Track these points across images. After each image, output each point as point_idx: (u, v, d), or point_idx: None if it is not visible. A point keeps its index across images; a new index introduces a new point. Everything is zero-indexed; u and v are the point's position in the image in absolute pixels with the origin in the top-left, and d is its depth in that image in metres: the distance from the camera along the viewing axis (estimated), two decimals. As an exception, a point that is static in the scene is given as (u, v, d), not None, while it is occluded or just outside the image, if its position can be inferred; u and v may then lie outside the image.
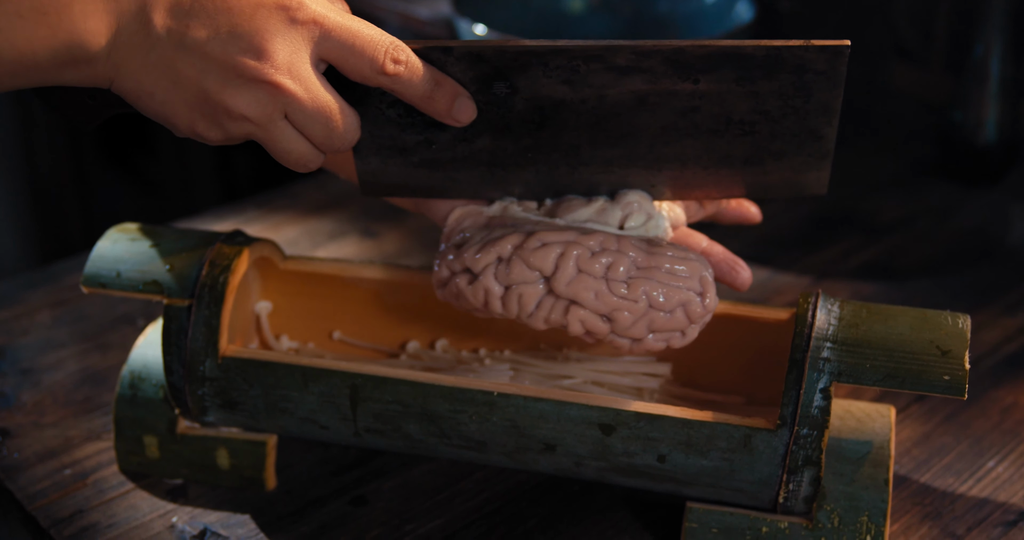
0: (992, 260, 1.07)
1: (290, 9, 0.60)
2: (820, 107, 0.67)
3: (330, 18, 0.61)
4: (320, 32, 0.61)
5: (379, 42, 0.62)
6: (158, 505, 0.77)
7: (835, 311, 0.68)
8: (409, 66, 0.63)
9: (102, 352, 0.92)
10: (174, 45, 0.60)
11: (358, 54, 0.62)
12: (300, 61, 0.61)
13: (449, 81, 0.65)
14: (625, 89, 0.65)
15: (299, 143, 0.64)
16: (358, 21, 0.62)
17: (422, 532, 0.75)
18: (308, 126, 0.63)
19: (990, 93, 1.14)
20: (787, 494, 0.67)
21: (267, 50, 0.60)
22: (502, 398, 0.69)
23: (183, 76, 0.61)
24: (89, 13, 0.59)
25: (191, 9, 0.60)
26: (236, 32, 0.60)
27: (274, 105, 0.62)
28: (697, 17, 1.24)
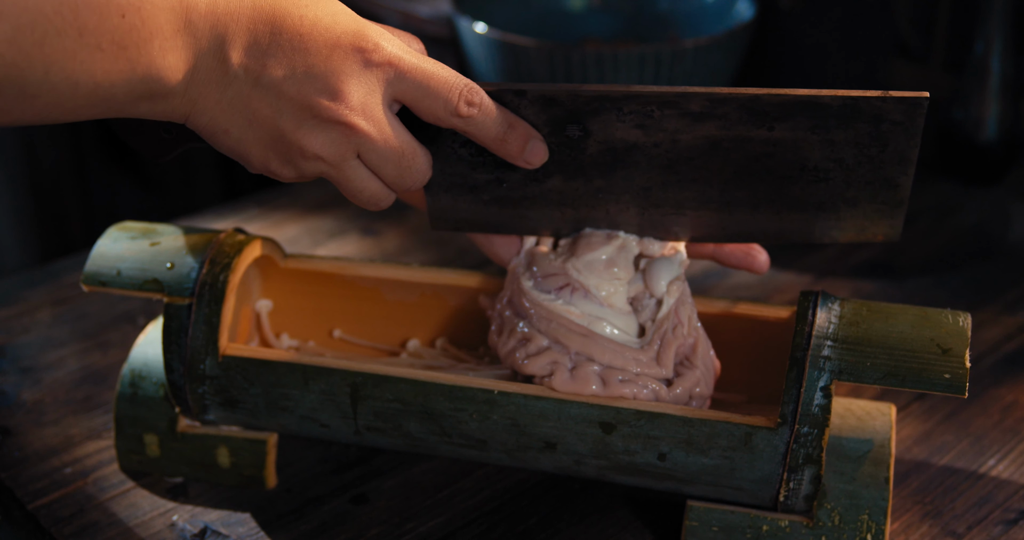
0: (992, 258, 1.07)
1: (366, 51, 0.61)
2: (896, 156, 0.66)
3: (405, 60, 0.62)
4: (395, 73, 0.62)
5: (454, 84, 0.63)
6: (158, 503, 0.77)
7: (836, 309, 0.68)
8: (483, 109, 0.64)
9: (102, 350, 0.92)
10: (251, 83, 0.60)
11: (432, 96, 0.62)
12: (374, 102, 0.62)
13: (522, 124, 0.65)
14: (699, 134, 0.66)
15: (371, 182, 0.65)
16: (433, 63, 0.63)
17: (422, 530, 0.75)
18: (380, 166, 0.64)
19: (990, 91, 1.14)
20: (788, 492, 0.67)
21: (342, 91, 0.61)
22: (502, 396, 0.69)
23: (259, 114, 0.61)
24: (168, 49, 0.58)
25: (268, 48, 0.60)
26: (312, 73, 0.60)
27: (347, 145, 0.62)
28: (697, 15, 1.24)
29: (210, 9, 0.59)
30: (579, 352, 0.71)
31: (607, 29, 1.27)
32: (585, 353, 0.71)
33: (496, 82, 0.65)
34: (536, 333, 0.72)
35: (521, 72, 1.11)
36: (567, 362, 0.71)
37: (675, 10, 1.25)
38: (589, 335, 0.71)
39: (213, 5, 0.59)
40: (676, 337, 0.72)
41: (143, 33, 0.57)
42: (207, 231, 0.77)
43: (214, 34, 0.59)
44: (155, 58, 0.58)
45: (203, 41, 0.60)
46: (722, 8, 1.21)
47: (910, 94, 0.63)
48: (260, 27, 0.60)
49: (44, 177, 1.54)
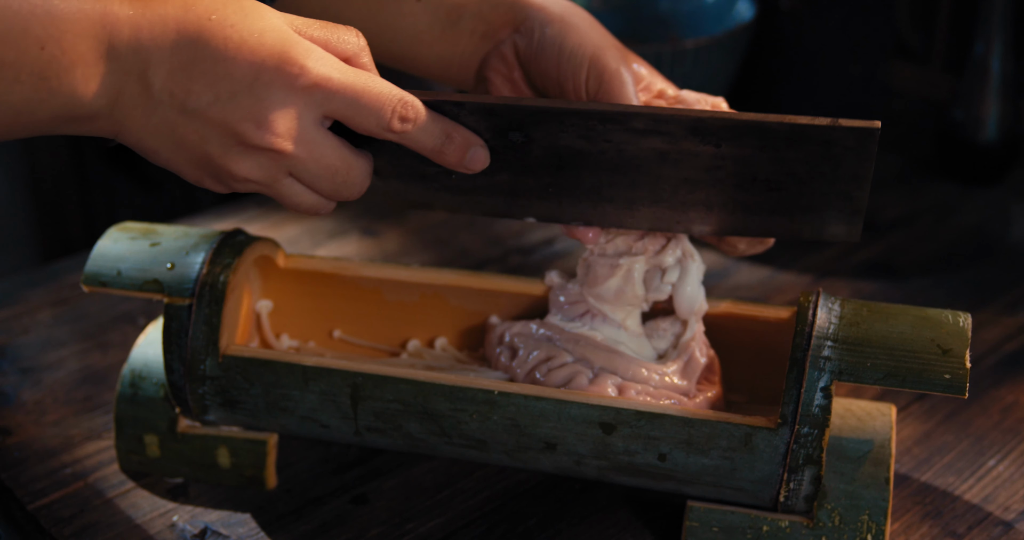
0: (993, 259, 1.07)
1: (291, 75, 0.59)
2: (849, 175, 0.64)
3: (334, 80, 0.60)
4: (323, 95, 0.60)
5: (385, 100, 0.61)
6: (159, 504, 0.77)
7: (836, 310, 0.68)
8: (418, 123, 0.63)
9: (103, 351, 0.92)
10: (176, 109, 0.59)
11: (363, 113, 0.61)
12: (302, 125, 0.60)
13: (461, 133, 0.65)
14: (644, 146, 0.65)
15: (307, 196, 0.64)
16: (365, 78, 0.61)
17: (423, 531, 0.75)
18: (314, 183, 0.63)
19: (991, 91, 1.14)
20: (788, 493, 0.67)
21: (267, 119, 0.59)
22: (502, 397, 0.69)
23: (186, 140, 0.60)
24: (91, 76, 0.58)
25: (192, 74, 0.59)
26: (236, 99, 0.59)
27: (277, 168, 0.62)
28: (697, 15, 1.24)
29: (134, 34, 0.58)
30: (603, 367, 0.72)
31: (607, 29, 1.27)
32: (609, 367, 0.72)
33: (435, 92, 0.64)
34: (562, 351, 0.73)
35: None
36: (588, 373, 0.72)
37: (675, 10, 1.25)
38: (614, 352, 0.72)
39: (137, 30, 0.58)
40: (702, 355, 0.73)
41: (63, 63, 0.57)
42: (207, 231, 0.77)
43: (138, 59, 0.58)
44: (77, 86, 0.58)
45: (127, 67, 0.58)
46: (722, 8, 1.21)
47: (862, 124, 0.61)
48: (184, 52, 0.58)
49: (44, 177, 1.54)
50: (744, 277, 1.03)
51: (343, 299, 0.82)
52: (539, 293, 0.79)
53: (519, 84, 0.74)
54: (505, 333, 0.77)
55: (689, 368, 0.73)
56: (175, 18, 0.58)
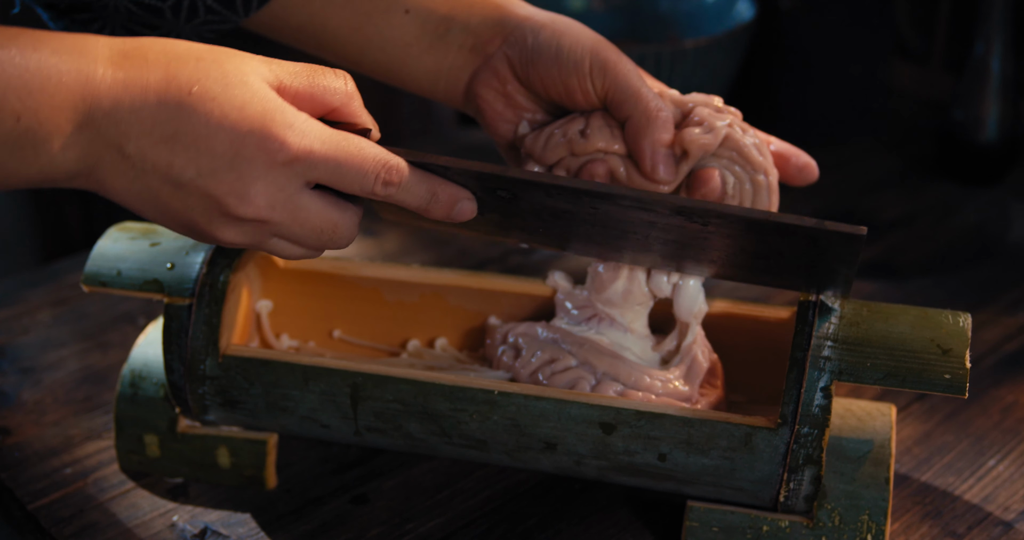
0: (992, 259, 1.07)
1: (271, 151, 0.58)
2: (836, 259, 0.64)
3: (315, 152, 0.59)
4: (304, 166, 0.60)
5: (369, 166, 0.61)
6: (159, 504, 0.77)
7: (836, 310, 0.68)
8: (402, 186, 0.62)
9: (103, 351, 0.92)
10: (158, 179, 0.59)
11: (347, 180, 0.61)
12: (285, 195, 0.60)
13: (447, 190, 0.64)
14: (632, 216, 0.65)
15: (295, 250, 0.64)
16: (347, 143, 0.61)
17: (423, 531, 0.75)
18: (301, 241, 0.63)
19: (990, 91, 1.14)
20: (788, 493, 0.67)
21: (249, 193, 0.59)
22: (503, 397, 0.69)
23: (169, 207, 0.60)
24: (69, 145, 0.57)
25: (174, 148, 0.58)
26: (218, 175, 0.59)
27: (263, 233, 0.62)
28: (697, 15, 1.24)
29: (114, 105, 0.57)
30: (606, 372, 0.72)
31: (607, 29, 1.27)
32: (611, 374, 0.72)
33: (421, 153, 0.63)
34: (566, 353, 0.73)
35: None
36: (591, 379, 0.72)
37: (675, 10, 1.25)
38: (617, 358, 0.72)
39: (116, 102, 0.57)
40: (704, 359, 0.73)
41: (40, 134, 0.56)
42: (207, 231, 0.77)
43: (118, 131, 0.57)
44: (55, 154, 0.57)
45: (106, 137, 0.58)
46: (722, 8, 1.21)
47: (847, 229, 0.61)
48: (165, 126, 0.58)
49: (44, 177, 1.54)
50: (744, 277, 1.03)
51: (343, 299, 0.82)
52: (539, 293, 0.79)
53: (513, 97, 0.73)
54: (509, 333, 0.77)
55: (691, 373, 0.73)
56: (156, 90, 0.58)
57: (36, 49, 0.56)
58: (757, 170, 0.70)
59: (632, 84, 0.70)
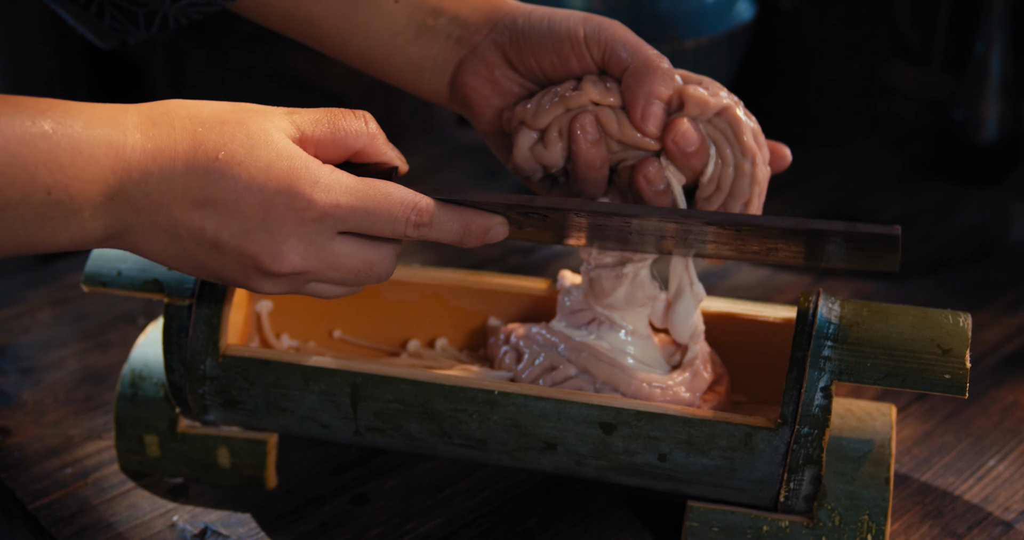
0: (992, 259, 1.07)
1: (299, 209, 0.60)
2: (876, 253, 0.64)
3: (342, 205, 0.61)
4: (334, 220, 0.61)
5: (398, 212, 0.62)
6: (159, 504, 0.77)
7: (836, 310, 0.68)
8: (433, 226, 0.63)
9: (103, 351, 0.92)
10: (192, 242, 0.60)
11: (378, 226, 0.62)
12: (317, 248, 0.61)
13: (478, 221, 0.65)
14: (665, 227, 0.65)
15: (336, 290, 0.65)
16: (374, 191, 0.62)
17: (423, 531, 0.75)
18: (340, 282, 0.64)
19: (991, 92, 1.14)
20: (788, 493, 0.67)
21: (281, 251, 0.61)
22: (503, 397, 0.69)
23: (206, 266, 0.62)
24: (99, 216, 0.58)
25: (205, 214, 0.59)
26: (250, 236, 0.60)
27: (300, 282, 0.63)
28: (698, 15, 1.24)
29: (143, 176, 0.58)
30: (605, 382, 0.72)
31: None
32: (611, 383, 0.72)
33: (450, 190, 0.64)
34: (565, 361, 0.73)
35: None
36: (590, 389, 0.72)
37: (675, 10, 1.25)
38: (616, 365, 0.72)
39: (146, 173, 0.58)
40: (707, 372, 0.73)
41: (70, 207, 0.57)
42: (207, 231, 0.77)
43: (148, 201, 0.59)
44: (85, 224, 0.58)
45: (136, 206, 0.59)
46: (722, 8, 1.21)
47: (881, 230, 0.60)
48: (194, 193, 0.59)
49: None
50: (744, 277, 1.03)
51: (343, 299, 0.82)
52: (540, 293, 0.79)
53: (500, 82, 0.73)
54: (511, 334, 0.76)
55: (694, 382, 0.73)
56: (184, 158, 0.59)
57: (68, 123, 0.57)
58: (745, 155, 0.68)
59: (631, 39, 0.69)
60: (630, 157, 0.69)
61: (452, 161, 1.26)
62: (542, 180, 0.73)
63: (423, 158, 1.25)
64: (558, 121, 0.70)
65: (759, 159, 0.69)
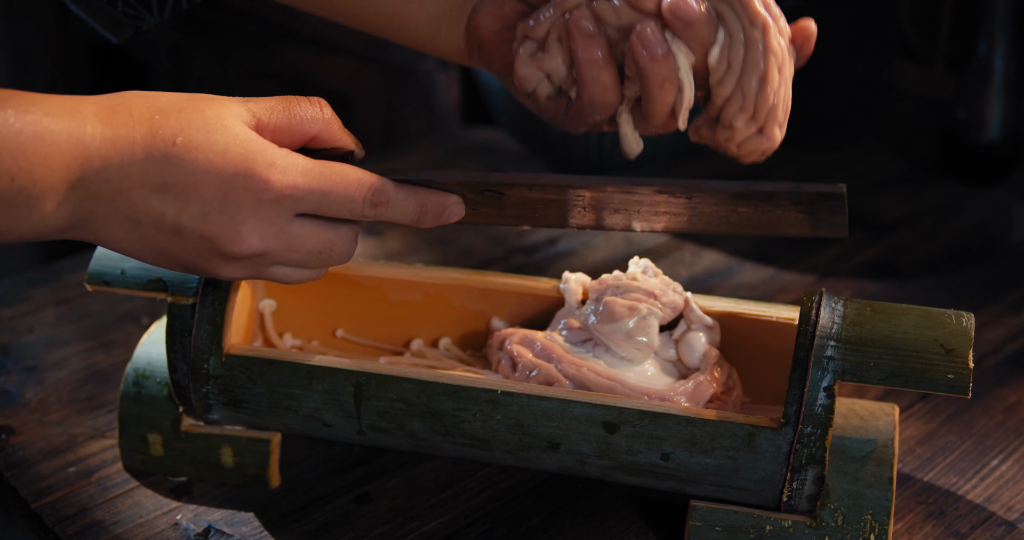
0: (996, 258, 1.07)
1: (256, 191, 0.61)
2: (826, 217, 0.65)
3: (298, 185, 0.62)
4: (291, 201, 0.62)
5: (355, 191, 0.63)
6: (162, 503, 0.77)
7: (839, 309, 0.68)
8: (390, 205, 0.64)
9: (106, 350, 0.92)
10: (152, 228, 0.61)
11: (336, 207, 0.63)
12: (276, 229, 0.62)
13: (434, 199, 0.66)
14: (617, 198, 0.65)
15: (297, 273, 0.66)
16: (330, 172, 0.63)
17: (426, 530, 0.75)
18: (301, 264, 0.65)
19: (994, 91, 1.14)
20: (791, 492, 0.67)
21: (240, 233, 0.62)
22: (506, 396, 0.69)
23: (167, 251, 0.63)
24: (62, 202, 0.59)
25: (164, 198, 0.60)
26: (209, 218, 0.61)
27: (261, 265, 0.64)
28: (701, 15, 1.23)
29: (104, 164, 0.59)
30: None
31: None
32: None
33: (404, 169, 0.65)
34: (561, 377, 0.72)
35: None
36: None
37: (678, 10, 1.25)
38: (614, 380, 0.72)
39: (106, 160, 0.59)
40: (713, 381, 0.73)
41: (34, 193, 0.58)
42: (211, 231, 0.77)
43: (109, 187, 0.60)
44: (47, 212, 0.59)
45: (97, 193, 0.60)
46: (725, 8, 1.21)
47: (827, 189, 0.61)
48: (153, 177, 0.60)
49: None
50: (747, 277, 1.03)
51: (346, 298, 0.82)
52: (543, 293, 0.79)
53: (511, 17, 0.72)
54: (507, 340, 0.76)
55: (696, 393, 0.72)
56: (143, 144, 0.60)
57: (29, 111, 0.58)
58: (754, 23, 0.62)
59: None
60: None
61: (453, 161, 1.26)
62: (550, 99, 0.72)
63: (425, 158, 1.25)
64: (556, 26, 0.68)
65: (772, 28, 0.63)
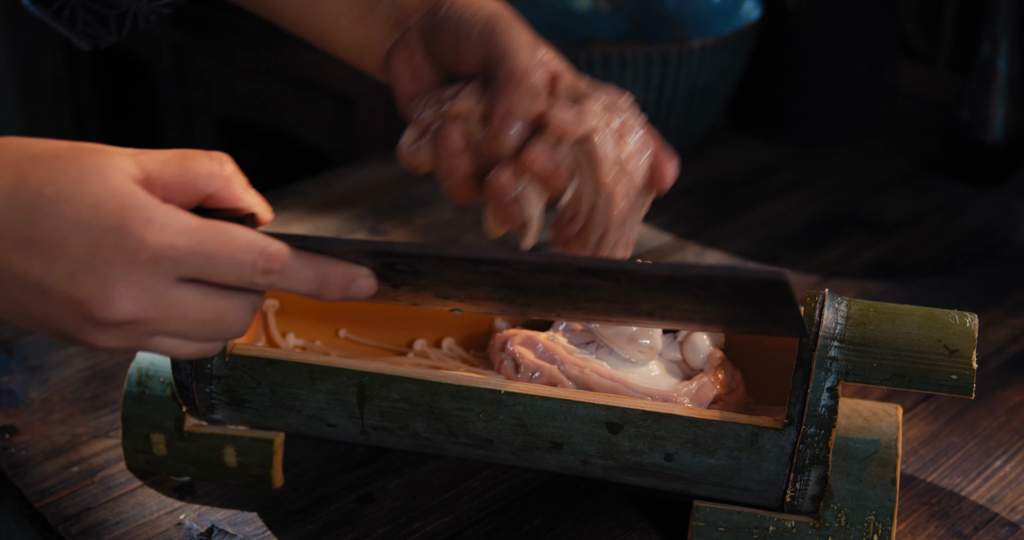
0: (999, 259, 1.07)
1: (130, 251, 0.55)
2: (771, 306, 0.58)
3: (178, 247, 0.55)
4: (170, 263, 0.55)
5: (243, 256, 0.56)
6: (165, 503, 0.77)
7: (842, 310, 0.68)
8: (284, 273, 0.57)
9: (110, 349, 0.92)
10: (18, 288, 0.55)
11: (221, 272, 0.56)
12: (154, 294, 0.56)
13: (338, 271, 0.59)
14: (540, 280, 0.59)
15: (186, 347, 0.59)
16: (216, 233, 0.56)
17: (429, 530, 0.75)
18: (187, 336, 0.58)
19: (997, 92, 1.14)
20: (794, 493, 0.67)
21: (110, 296, 0.55)
22: (509, 396, 0.69)
23: (34, 315, 0.56)
24: None
25: (29, 254, 0.55)
26: (76, 280, 0.55)
27: (139, 335, 0.57)
28: (704, 16, 1.24)
29: None
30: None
31: (613, 30, 1.27)
32: None
33: (304, 236, 0.57)
34: (563, 379, 0.73)
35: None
36: None
37: (682, 11, 1.25)
38: (617, 381, 0.72)
39: None
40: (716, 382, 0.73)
41: None
42: (214, 231, 0.77)
43: None
44: None
45: None
46: (729, 9, 1.21)
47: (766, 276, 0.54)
48: (18, 232, 0.54)
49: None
50: (750, 277, 1.03)
51: (350, 298, 0.82)
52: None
53: (419, 69, 0.72)
54: (509, 341, 0.76)
55: (700, 394, 0.72)
56: (6, 194, 0.55)
57: None
58: (599, 191, 0.65)
59: (514, 45, 0.66)
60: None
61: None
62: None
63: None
64: (433, 126, 0.68)
65: (617, 195, 0.66)
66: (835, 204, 1.16)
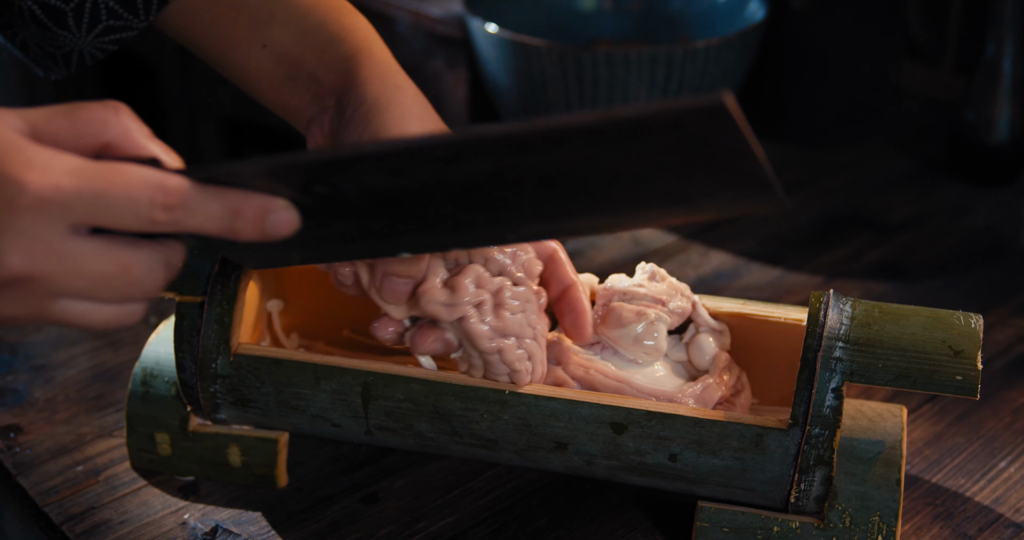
0: (1004, 260, 1.07)
1: (10, 197, 0.49)
2: (727, 150, 0.51)
3: (63, 187, 0.50)
4: (57, 206, 0.50)
5: (138, 191, 0.51)
6: (170, 502, 0.77)
7: (847, 311, 0.68)
8: (188, 208, 0.52)
9: (114, 349, 0.92)
10: None
11: (116, 212, 0.51)
12: (45, 243, 0.50)
13: (252, 203, 0.53)
14: (467, 170, 0.53)
15: (97, 312, 0.53)
16: (108, 170, 0.51)
17: (433, 530, 0.75)
18: (93, 296, 0.52)
19: (1002, 92, 1.14)
20: (799, 494, 0.67)
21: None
22: (513, 396, 0.69)
23: None
24: None
25: None
26: None
27: (37, 296, 0.52)
28: (708, 16, 1.24)
29: None
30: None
31: (618, 30, 1.27)
32: None
33: (203, 166, 0.52)
34: (569, 378, 0.72)
35: (533, 73, 1.11)
36: None
37: (686, 11, 1.25)
38: (623, 381, 0.72)
39: None
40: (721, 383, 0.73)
41: None
42: (219, 230, 0.77)
43: None
44: None
45: None
46: (733, 9, 1.21)
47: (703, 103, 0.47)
48: None
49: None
50: (754, 278, 1.03)
51: (354, 298, 0.82)
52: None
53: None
54: None
55: (704, 395, 0.72)
56: None
57: None
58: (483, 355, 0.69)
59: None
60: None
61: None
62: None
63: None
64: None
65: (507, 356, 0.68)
66: (840, 204, 1.15)
